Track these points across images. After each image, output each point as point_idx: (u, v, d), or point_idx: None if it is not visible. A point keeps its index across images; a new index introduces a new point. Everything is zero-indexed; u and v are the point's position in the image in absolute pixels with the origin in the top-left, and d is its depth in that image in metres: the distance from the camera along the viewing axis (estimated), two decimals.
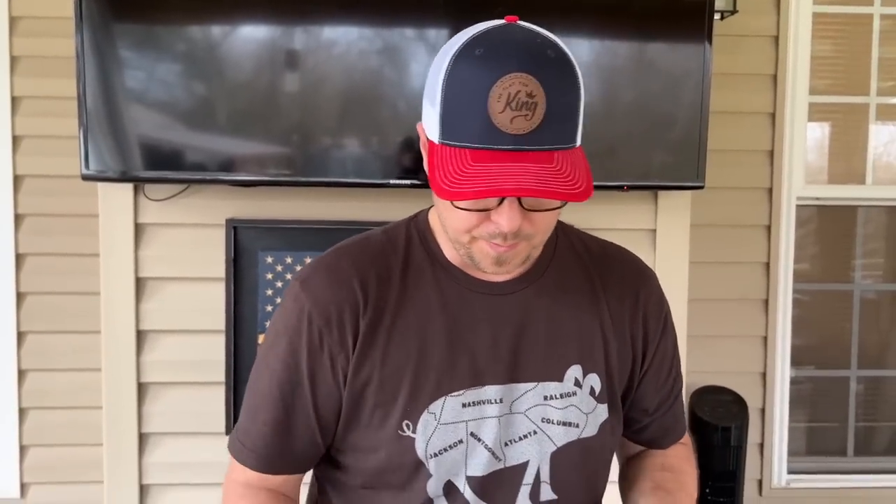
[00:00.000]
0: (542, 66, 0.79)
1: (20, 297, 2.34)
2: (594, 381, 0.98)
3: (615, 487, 1.10)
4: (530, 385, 0.95)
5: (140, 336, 1.82)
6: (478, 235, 0.87)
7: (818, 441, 2.70)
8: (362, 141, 1.78)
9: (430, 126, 0.85)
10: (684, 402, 2.05)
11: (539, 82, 0.78)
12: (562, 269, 1.00)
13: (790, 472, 2.49)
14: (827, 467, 2.59)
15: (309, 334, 0.93)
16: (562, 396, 0.96)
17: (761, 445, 2.49)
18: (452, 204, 0.84)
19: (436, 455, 0.92)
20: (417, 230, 0.99)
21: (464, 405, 0.93)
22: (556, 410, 0.96)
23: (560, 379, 0.96)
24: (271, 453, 0.95)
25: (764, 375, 2.48)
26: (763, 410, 2.48)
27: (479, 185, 0.78)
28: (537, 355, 0.95)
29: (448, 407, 0.92)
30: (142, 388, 1.83)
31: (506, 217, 0.83)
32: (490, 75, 0.78)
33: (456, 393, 0.93)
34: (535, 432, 0.95)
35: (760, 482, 2.49)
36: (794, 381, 2.54)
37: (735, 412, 2.23)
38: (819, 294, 2.67)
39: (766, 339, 2.47)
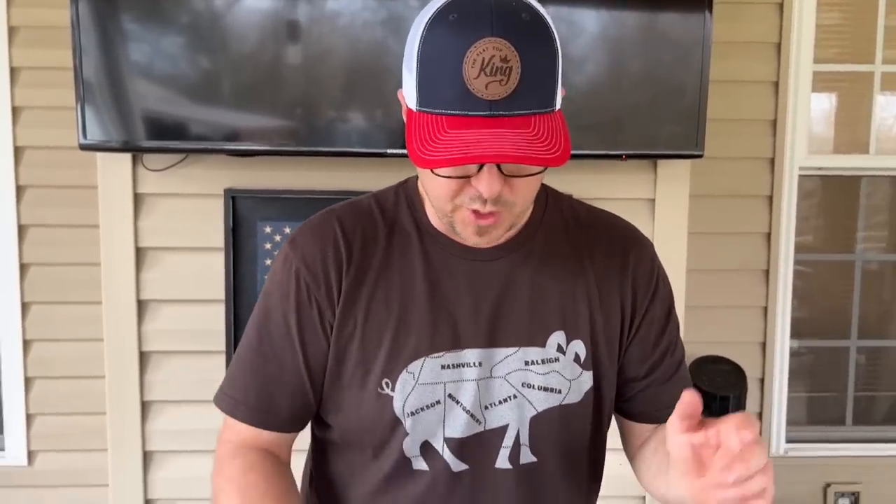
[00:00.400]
0: (516, 29, 0.79)
1: (23, 268, 2.35)
2: (579, 347, 0.98)
3: (612, 456, 1.10)
4: (511, 350, 0.96)
5: (141, 305, 1.84)
6: (459, 203, 0.88)
7: (817, 411, 2.71)
8: (361, 110, 1.77)
9: (408, 94, 0.85)
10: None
11: (513, 46, 0.78)
12: (548, 237, 1.00)
13: (788, 440, 2.51)
14: (825, 436, 2.60)
15: (297, 290, 0.95)
16: (543, 362, 0.97)
17: (760, 415, 2.50)
18: (432, 171, 0.85)
19: (413, 414, 0.94)
20: (406, 195, 1.01)
21: (443, 367, 0.95)
22: (538, 376, 0.97)
23: (542, 345, 0.97)
24: (263, 408, 0.97)
25: (764, 346, 2.48)
26: (762, 380, 2.49)
27: (454, 152, 0.78)
28: (519, 321, 0.96)
29: (427, 368, 0.94)
30: (143, 357, 1.85)
31: (485, 183, 0.83)
32: (464, 41, 0.78)
33: (435, 355, 0.94)
34: (514, 396, 0.96)
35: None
36: (793, 352, 2.54)
37: (734, 381, 2.24)
38: (821, 265, 2.67)
39: (766, 309, 2.47)
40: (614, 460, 1.09)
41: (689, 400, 0.77)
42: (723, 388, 2.21)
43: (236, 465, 0.96)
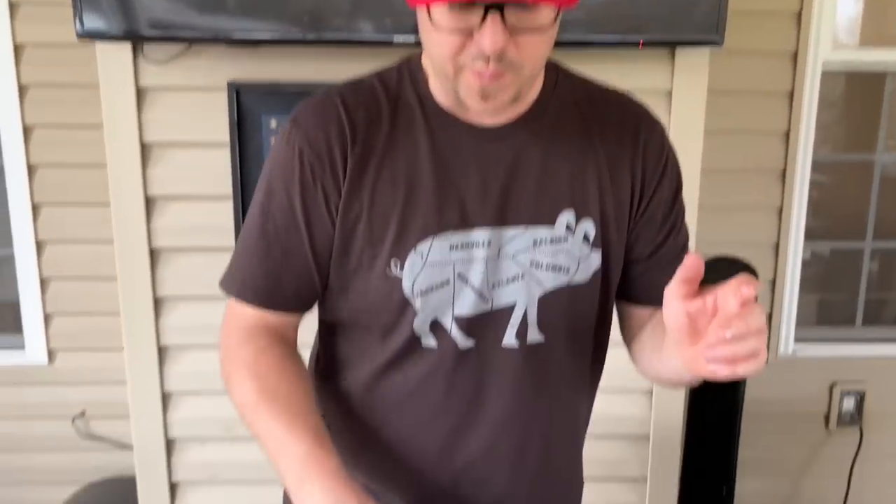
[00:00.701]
0: None
1: (31, 169, 2.34)
2: (588, 226, 0.97)
3: (615, 353, 1.10)
4: (519, 229, 0.95)
5: (149, 202, 1.83)
6: (462, 63, 0.84)
7: (827, 312, 2.72)
8: None
9: None
10: None
11: None
12: (558, 114, 0.98)
13: (797, 340, 2.52)
14: (834, 336, 2.61)
15: (301, 172, 0.93)
16: (552, 242, 0.96)
17: (770, 316, 2.51)
18: (430, 20, 0.82)
19: (422, 294, 0.94)
20: (409, 71, 0.98)
21: (451, 247, 0.94)
22: (546, 255, 0.96)
23: (551, 223, 0.96)
24: (269, 289, 0.97)
25: (777, 247, 2.46)
26: (774, 282, 2.49)
27: None
28: (528, 199, 0.95)
29: (435, 247, 0.93)
30: (154, 255, 1.85)
31: (488, 36, 0.80)
32: None
33: (443, 234, 0.93)
34: (522, 276, 0.96)
35: (767, 351, 2.52)
36: (806, 253, 2.52)
37: None
38: (839, 166, 2.61)
39: (780, 210, 2.43)
40: (623, 355, 1.09)
41: (691, 263, 0.77)
42: None
43: (248, 349, 0.96)
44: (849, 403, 2.56)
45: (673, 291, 0.79)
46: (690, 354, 0.80)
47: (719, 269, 2.44)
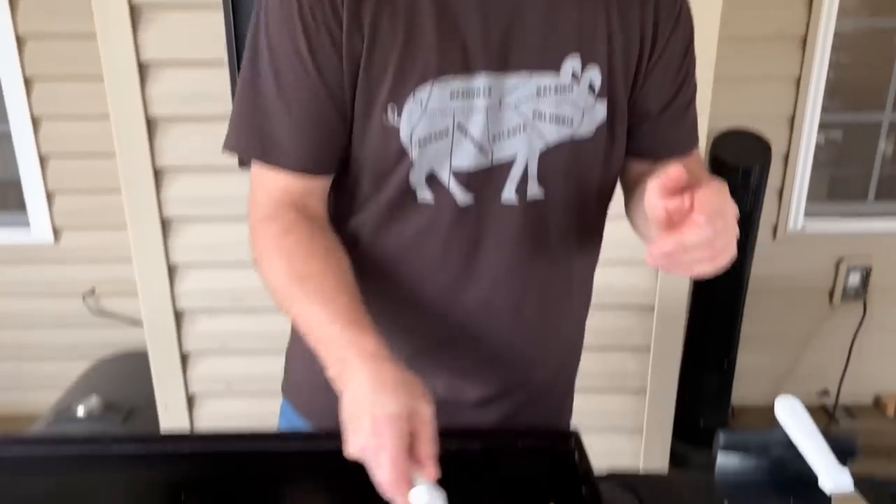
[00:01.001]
0: None
1: (20, 40, 2.27)
2: (594, 74, 0.93)
3: (622, 224, 1.07)
4: (523, 77, 0.90)
5: (142, 69, 1.76)
6: None
7: (840, 187, 2.67)
8: None
9: None
10: (705, 147, 1.99)
11: None
12: None
13: (807, 215, 2.49)
14: (843, 211, 2.58)
15: (301, 15, 0.88)
16: (557, 91, 0.92)
17: (780, 191, 2.47)
18: None
19: (420, 143, 0.91)
20: None
21: (451, 95, 0.90)
22: (550, 105, 0.92)
23: (556, 69, 0.91)
24: (304, 148, 0.91)
25: (792, 119, 2.39)
26: (787, 156, 2.43)
27: None
28: (532, 43, 0.90)
29: (435, 94, 0.89)
30: (151, 124, 1.81)
31: None
32: None
33: (444, 80, 0.89)
34: (524, 127, 0.92)
35: (776, 227, 2.51)
36: (822, 125, 2.45)
37: (757, 153, 2.17)
38: (857, 42, 2.50)
39: (798, 80, 2.34)
40: (629, 226, 1.07)
41: (675, 175, 0.78)
42: (745, 160, 2.14)
43: (275, 227, 0.92)
44: (854, 279, 2.56)
45: (655, 190, 0.80)
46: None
47: (732, 142, 2.38)
